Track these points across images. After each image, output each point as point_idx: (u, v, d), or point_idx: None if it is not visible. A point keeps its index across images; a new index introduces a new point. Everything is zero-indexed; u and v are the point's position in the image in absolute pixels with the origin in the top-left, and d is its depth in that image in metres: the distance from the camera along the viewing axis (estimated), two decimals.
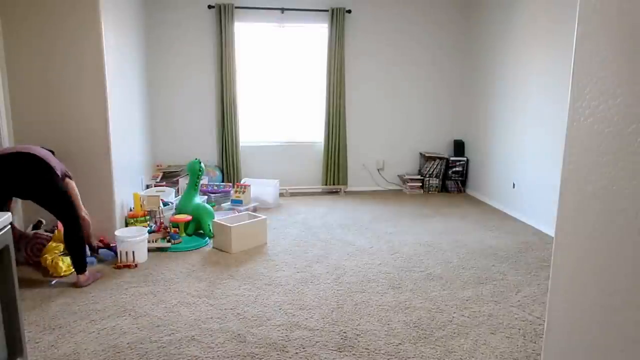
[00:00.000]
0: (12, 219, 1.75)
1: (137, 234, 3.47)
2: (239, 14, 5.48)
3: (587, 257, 1.10)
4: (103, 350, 2.30)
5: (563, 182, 1.18)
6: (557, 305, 1.22)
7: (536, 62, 4.50)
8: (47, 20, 3.44)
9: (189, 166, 4.13)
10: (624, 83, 0.97)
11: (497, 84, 5.28)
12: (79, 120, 3.58)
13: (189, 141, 5.63)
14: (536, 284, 3.15)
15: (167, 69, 5.48)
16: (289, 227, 4.45)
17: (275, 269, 3.39)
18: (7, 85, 3.44)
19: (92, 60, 3.53)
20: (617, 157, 0.99)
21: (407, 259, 3.62)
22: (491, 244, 4.00)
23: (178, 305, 2.80)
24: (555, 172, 4.21)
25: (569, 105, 1.15)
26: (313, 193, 5.96)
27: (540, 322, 2.64)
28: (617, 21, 0.99)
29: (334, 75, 5.66)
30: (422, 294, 2.98)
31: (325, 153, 5.84)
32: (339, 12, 5.55)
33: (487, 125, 5.52)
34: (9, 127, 3.46)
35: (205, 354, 2.27)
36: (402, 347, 2.36)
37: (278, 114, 5.85)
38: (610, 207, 1.02)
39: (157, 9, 5.33)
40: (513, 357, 2.29)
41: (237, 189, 5.02)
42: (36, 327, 2.52)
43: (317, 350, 2.32)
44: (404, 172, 6.21)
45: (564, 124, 4.05)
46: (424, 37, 5.93)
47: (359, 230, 4.36)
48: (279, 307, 2.78)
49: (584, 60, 1.10)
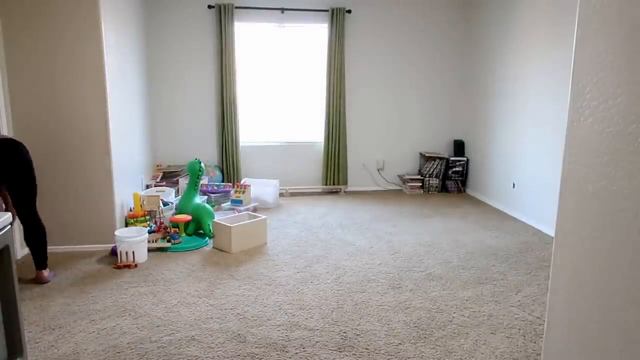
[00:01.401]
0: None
1: (137, 234, 3.47)
2: (239, 14, 5.48)
3: (587, 257, 1.10)
4: (103, 350, 2.30)
5: (563, 182, 1.18)
6: (557, 305, 1.22)
7: (536, 62, 4.50)
8: (48, 20, 3.44)
9: (189, 166, 4.13)
10: (624, 83, 0.97)
11: (497, 84, 5.28)
12: (79, 120, 3.58)
13: (189, 141, 5.63)
14: (536, 284, 3.15)
15: (167, 69, 5.48)
16: (289, 227, 4.45)
17: (275, 269, 3.39)
18: (7, 85, 3.44)
19: (92, 60, 3.53)
20: (617, 157, 0.99)
21: (407, 259, 3.62)
22: (491, 244, 4.00)
23: (178, 305, 2.80)
24: (555, 172, 4.21)
25: (569, 105, 1.15)
26: (313, 193, 5.96)
27: (540, 322, 2.64)
28: (617, 21, 0.99)
29: (334, 75, 5.66)
30: (422, 294, 2.98)
31: (325, 153, 5.84)
32: (339, 12, 5.55)
33: (487, 125, 5.52)
34: (9, 127, 3.46)
35: (205, 354, 2.27)
36: (402, 347, 2.36)
37: (278, 114, 5.85)
38: (610, 207, 1.02)
39: (157, 9, 5.34)
40: (513, 357, 2.29)
41: (237, 189, 5.02)
42: (36, 327, 2.52)
43: (317, 350, 2.32)
44: (404, 172, 6.21)
45: (564, 124, 4.07)
46: (424, 37, 5.93)
47: (359, 230, 4.37)
48: (279, 307, 2.78)
49: (584, 61, 1.10)
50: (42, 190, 3.60)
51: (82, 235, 3.72)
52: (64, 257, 3.57)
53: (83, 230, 3.71)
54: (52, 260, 3.50)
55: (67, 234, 3.70)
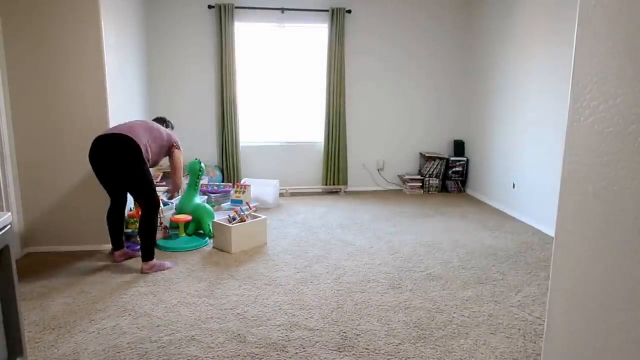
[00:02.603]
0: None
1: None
2: (239, 14, 5.48)
3: (587, 257, 1.10)
4: (103, 350, 2.30)
5: (563, 182, 1.18)
6: (557, 305, 1.22)
7: (536, 62, 4.49)
8: (47, 20, 3.44)
9: (189, 166, 4.13)
10: (624, 83, 0.97)
11: (497, 83, 5.28)
12: (79, 119, 3.58)
13: (189, 141, 5.63)
14: (536, 284, 3.15)
15: (167, 69, 5.48)
16: (289, 227, 4.45)
17: (275, 269, 3.39)
18: (7, 84, 3.44)
19: (92, 60, 3.53)
20: (617, 157, 0.99)
21: (407, 259, 3.62)
22: (491, 244, 4.00)
23: (178, 305, 2.80)
24: (555, 172, 4.21)
25: (569, 105, 1.15)
26: (313, 193, 5.96)
27: (540, 322, 2.64)
28: (617, 21, 0.99)
29: (334, 75, 5.66)
30: (422, 294, 2.98)
31: (325, 153, 5.84)
32: (339, 12, 5.55)
33: (487, 125, 5.52)
34: (9, 126, 3.46)
35: (205, 354, 2.27)
36: (402, 347, 2.36)
37: (278, 114, 5.85)
38: (610, 207, 1.02)
39: (157, 9, 5.34)
40: (513, 357, 2.29)
41: (237, 189, 5.02)
42: (36, 327, 2.52)
43: (317, 350, 2.32)
44: (404, 172, 6.21)
45: (564, 124, 4.07)
46: (424, 38, 5.93)
47: (358, 230, 4.36)
48: (279, 307, 2.78)
49: (584, 60, 1.10)
50: (42, 190, 3.61)
51: (82, 235, 3.72)
52: (64, 257, 3.57)
53: (83, 230, 3.71)
54: (52, 260, 3.51)
55: (67, 234, 3.70)
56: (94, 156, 3.12)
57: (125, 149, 3.06)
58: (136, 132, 3.19)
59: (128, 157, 3.07)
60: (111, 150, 3.07)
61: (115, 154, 3.06)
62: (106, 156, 3.08)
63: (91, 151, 3.13)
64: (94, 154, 3.11)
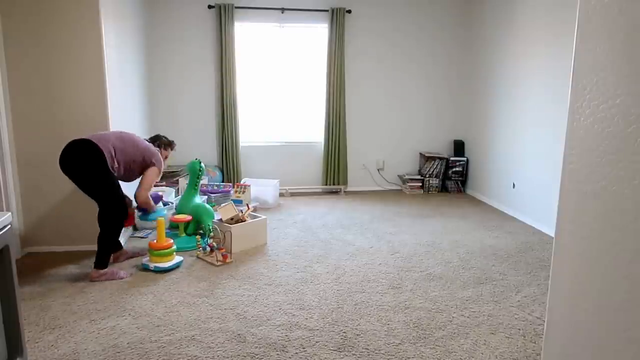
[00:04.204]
0: None
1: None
2: (239, 14, 5.48)
3: (587, 257, 1.10)
4: (103, 350, 2.30)
5: (563, 182, 1.18)
6: (557, 305, 1.22)
7: (536, 62, 4.49)
8: (47, 19, 3.43)
9: (189, 166, 4.13)
10: (624, 83, 0.97)
11: (497, 83, 5.28)
12: (79, 119, 3.58)
13: (189, 141, 5.63)
14: (536, 284, 3.15)
15: (167, 69, 5.48)
16: (289, 227, 4.45)
17: (275, 269, 3.39)
18: (7, 84, 3.44)
19: (92, 60, 3.53)
20: (617, 157, 0.99)
21: (407, 259, 3.62)
22: (491, 244, 4.00)
23: (178, 305, 2.80)
24: (555, 172, 4.21)
25: (569, 105, 1.15)
26: (313, 193, 5.96)
27: (540, 322, 2.64)
28: (617, 21, 0.99)
29: (334, 76, 5.66)
30: (422, 294, 2.98)
31: (325, 153, 5.84)
32: (339, 12, 5.55)
33: (487, 125, 5.52)
34: (8, 126, 3.46)
35: (205, 354, 2.27)
36: (402, 347, 2.36)
37: (278, 114, 5.85)
38: (610, 207, 1.02)
39: (157, 9, 5.34)
40: (513, 357, 2.29)
41: (237, 189, 5.02)
42: (36, 327, 2.52)
43: (317, 350, 2.32)
44: (404, 172, 6.21)
45: (564, 124, 4.06)
46: (424, 38, 5.93)
47: (359, 230, 4.36)
48: (279, 307, 2.78)
49: (584, 60, 1.10)
50: (42, 190, 3.61)
51: (82, 235, 3.71)
52: (64, 257, 3.57)
53: (83, 230, 3.71)
54: (52, 260, 3.50)
55: (67, 234, 3.70)
56: (60, 161, 3.09)
57: (82, 153, 3.03)
58: (103, 138, 3.15)
59: (83, 160, 3.03)
60: (70, 154, 3.05)
61: (73, 157, 3.04)
62: (67, 160, 3.06)
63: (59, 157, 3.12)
64: (60, 159, 3.09)
